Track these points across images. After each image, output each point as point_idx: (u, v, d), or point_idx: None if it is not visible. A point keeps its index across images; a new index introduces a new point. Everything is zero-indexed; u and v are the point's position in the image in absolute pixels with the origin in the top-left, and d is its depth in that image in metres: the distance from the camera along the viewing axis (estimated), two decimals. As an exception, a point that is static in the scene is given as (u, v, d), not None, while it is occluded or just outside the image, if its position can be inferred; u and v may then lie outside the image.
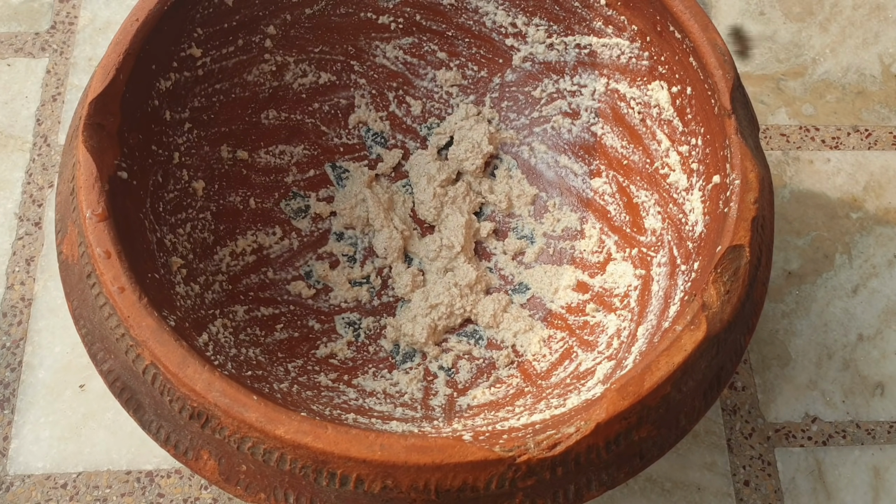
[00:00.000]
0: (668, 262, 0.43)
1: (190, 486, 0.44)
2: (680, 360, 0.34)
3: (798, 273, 0.52)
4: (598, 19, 0.46)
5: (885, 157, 0.56)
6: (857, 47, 0.61)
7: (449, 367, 0.45)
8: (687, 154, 0.43)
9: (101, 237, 0.35)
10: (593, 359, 0.42)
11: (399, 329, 0.46)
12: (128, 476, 0.44)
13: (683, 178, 0.43)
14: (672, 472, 0.45)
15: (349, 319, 0.46)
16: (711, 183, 0.41)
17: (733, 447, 0.46)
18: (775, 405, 0.48)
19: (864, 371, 0.49)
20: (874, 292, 0.51)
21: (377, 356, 0.45)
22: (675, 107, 0.44)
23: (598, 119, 0.48)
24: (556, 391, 0.41)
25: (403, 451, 0.32)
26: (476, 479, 0.32)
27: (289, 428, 0.32)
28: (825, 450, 0.47)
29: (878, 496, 0.45)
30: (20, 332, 0.48)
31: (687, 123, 0.43)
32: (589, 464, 0.33)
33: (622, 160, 0.47)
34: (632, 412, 0.33)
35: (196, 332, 0.38)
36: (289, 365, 0.42)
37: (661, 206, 0.45)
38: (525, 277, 0.48)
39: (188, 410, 0.33)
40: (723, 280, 0.36)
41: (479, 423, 0.39)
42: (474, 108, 0.51)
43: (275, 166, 0.49)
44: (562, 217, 0.49)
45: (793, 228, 0.53)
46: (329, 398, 0.41)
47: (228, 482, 0.34)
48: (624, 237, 0.46)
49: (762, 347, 0.49)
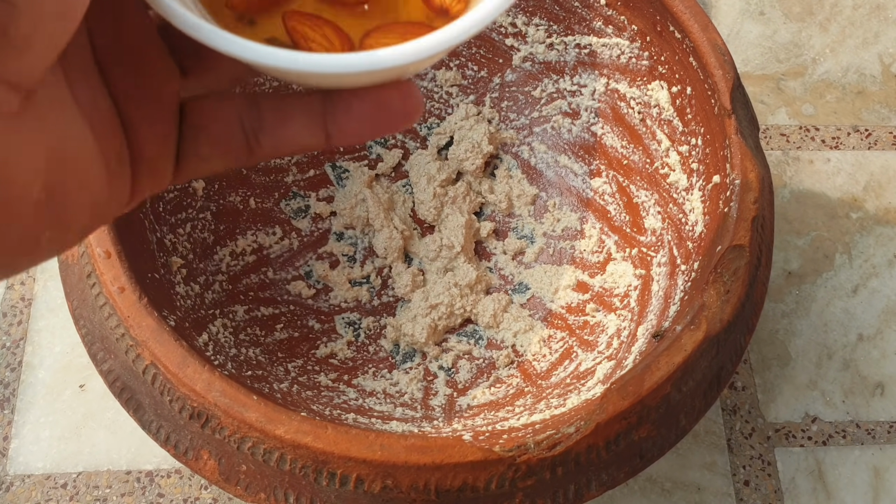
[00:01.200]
0: (668, 262, 0.43)
1: (190, 486, 0.44)
2: (680, 360, 0.34)
3: (798, 273, 0.52)
4: (598, 19, 0.46)
5: (885, 157, 0.56)
6: (857, 47, 0.61)
7: (449, 367, 0.45)
8: (687, 154, 0.43)
9: (101, 237, 0.35)
10: (593, 359, 0.42)
11: (399, 329, 0.46)
12: (128, 476, 0.44)
13: (683, 177, 0.43)
14: (672, 472, 0.45)
15: (349, 319, 0.46)
16: (711, 183, 0.41)
17: (733, 447, 0.46)
18: (775, 405, 0.48)
19: (864, 371, 0.49)
20: (874, 292, 0.51)
21: (377, 356, 0.45)
22: (675, 107, 0.44)
23: (598, 119, 0.48)
24: (556, 391, 0.41)
25: (403, 451, 0.32)
26: (476, 479, 0.32)
27: (289, 428, 0.32)
28: (825, 450, 0.47)
29: (878, 496, 0.45)
30: (20, 331, 0.48)
31: (687, 123, 0.43)
32: (589, 464, 0.33)
33: (622, 160, 0.47)
34: (632, 412, 0.33)
35: (196, 332, 0.38)
36: (289, 365, 0.42)
37: (661, 206, 0.45)
38: (525, 277, 0.48)
39: (188, 410, 0.33)
40: (723, 280, 0.36)
41: (479, 423, 0.39)
42: (474, 108, 0.51)
43: (275, 166, 0.49)
44: (562, 217, 0.49)
45: (793, 228, 0.53)
46: (329, 398, 0.41)
47: (228, 482, 0.34)
48: (624, 237, 0.46)
49: (762, 347, 0.49)
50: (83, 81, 0.21)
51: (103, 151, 0.21)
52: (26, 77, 0.18)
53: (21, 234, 0.19)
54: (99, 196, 0.21)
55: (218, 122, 0.23)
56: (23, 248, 0.20)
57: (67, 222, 0.20)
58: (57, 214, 0.20)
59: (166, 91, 0.22)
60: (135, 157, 0.22)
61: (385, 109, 0.22)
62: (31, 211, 0.19)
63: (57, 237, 0.20)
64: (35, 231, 0.20)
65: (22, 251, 0.20)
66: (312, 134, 0.23)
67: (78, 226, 0.21)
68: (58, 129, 0.20)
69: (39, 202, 0.19)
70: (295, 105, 0.23)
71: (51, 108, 0.20)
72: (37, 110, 0.19)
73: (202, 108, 0.23)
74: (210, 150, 0.23)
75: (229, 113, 0.23)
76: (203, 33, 0.20)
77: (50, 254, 0.20)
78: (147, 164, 0.22)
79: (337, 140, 0.23)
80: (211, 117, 0.23)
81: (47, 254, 0.20)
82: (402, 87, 0.22)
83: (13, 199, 0.19)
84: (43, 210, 0.19)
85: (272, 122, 0.23)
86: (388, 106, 0.22)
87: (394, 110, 0.22)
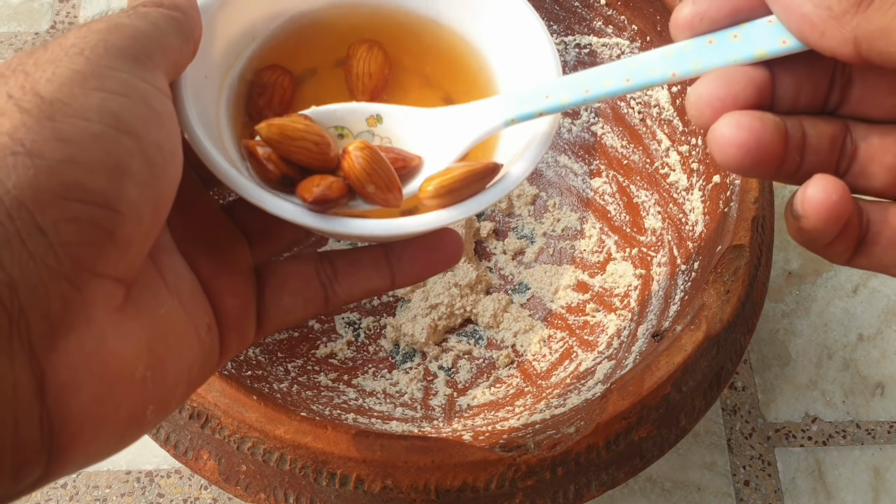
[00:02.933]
0: (668, 261, 0.43)
1: (190, 486, 0.44)
2: (680, 360, 0.34)
3: (798, 273, 0.52)
4: (598, 19, 0.46)
5: (886, 157, 0.56)
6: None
7: (449, 367, 0.45)
8: (687, 154, 0.43)
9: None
10: (593, 359, 0.42)
11: (399, 329, 0.46)
12: (127, 476, 0.44)
13: (683, 177, 0.43)
14: (672, 472, 0.45)
15: (349, 319, 0.46)
16: (711, 183, 0.41)
17: (733, 447, 0.46)
18: (775, 405, 0.48)
19: (864, 371, 0.49)
20: (874, 292, 0.51)
21: (377, 356, 0.45)
22: (676, 106, 0.44)
23: (598, 119, 0.48)
24: (556, 391, 0.41)
25: (403, 451, 0.32)
26: (476, 480, 0.32)
27: (289, 428, 0.32)
28: (825, 450, 0.47)
29: (878, 496, 0.45)
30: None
31: (687, 123, 0.43)
32: (589, 464, 0.33)
33: (622, 160, 0.47)
34: (632, 412, 0.33)
35: (196, 331, 0.38)
36: (289, 365, 0.42)
37: (662, 206, 0.45)
38: (525, 277, 0.48)
39: (188, 410, 0.33)
40: (723, 280, 0.36)
41: (479, 424, 0.39)
42: (474, 108, 0.51)
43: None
44: (562, 217, 0.49)
45: (793, 228, 0.53)
46: (329, 398, 0.41)
47: (228, 482, 0.34)
48: (624, 237, 0.46)
49: (762, 347, 0.49)
50: (169, 265, 0.23)
51: (195, 324, 0.23)
52: (129, 271, 0.21)
53: (129, 412, 0.21)
54: (194, 365, 0.23)
55: (296, 277, 0.26)
56: (131, 424, 0.21)
57: (169, 393, 0.22)
58: (159, 388, 0.22)
59: (240, 261, 0.26)
60: (221, 323, 0.25)
61: (438, 252, 0.27)
62: (136, 389, 0.21)
63: (160, 408, 0.22)
64: (141, 406, 0.21)
65: (130, 426, 0.21)
66: (381, 278, 0.27)
67: (178, 394, 0.23)
68: (154, 311, 0.22)
69: (144, 379, 0.21)
70: (363, 255, 0.27)
71: (147, 294, 0.22)
72: (136, 299, 0.21)
73: (280, 269, 0.27)
74: (292, 302, 0.26)
75: (306, 268, 0.27)
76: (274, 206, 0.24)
77: (153, 424, 0.22)
78: (233, 327, 0.25)
79: (400, 282, 0.27)
80: (289, 274, 0.26)
81: (152, 425, 0.22)
82: (448, 231, 0.27)
83: (122, 380, 0.20)
84: (148, 386, 0.21)
85: (345, 272, 0.27)
86: (440, 249, 0.27)
87: (445, 252, 0.27)
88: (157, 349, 0.21)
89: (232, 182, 0.24)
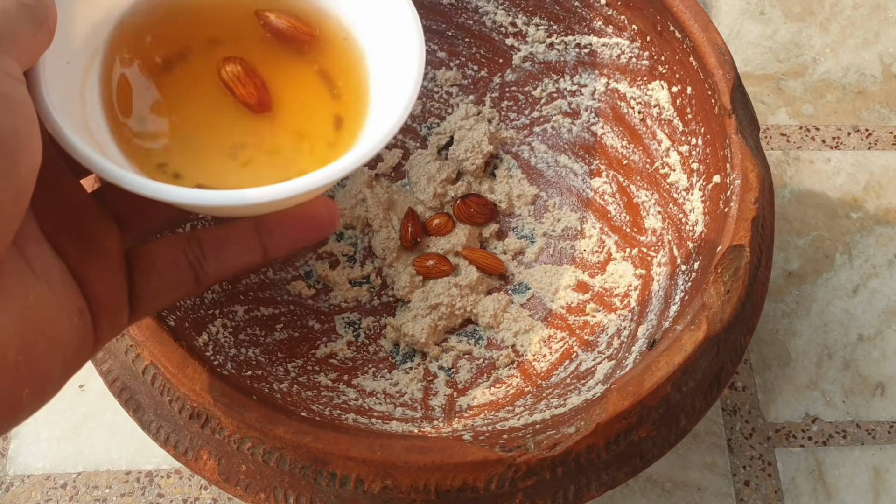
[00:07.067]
0: (668, 262, 0.43)
1: (190, 486, 0.44)
2: (680, 360, 0.34)
3: (798, 273, 0.52)
4: (598, 19, 0.46)
5: (886, 157, 0.56)
6: (858, 47, 0.61)
7: (449, 367, 0.45)
8: (687, 154, 0.43)
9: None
10: (593, 359, 0.42)
11: (399, 329, 0.46)
12: (127, 476, 0.44)
13: (684, 177, 0.43)
14: (672, 472, 0.45)
15: (349, 319, 0.46)
16: (712, 183, 0.41)
17: (733, 447, 0.46)
18: (775, 405, 0.48)
19: (864, 371, 0.49)
20: (874, 292, 0.51)
21: (377, 356, 0.45)
22: (676, 106, 0.44)
23: (598, 119, 0.48)
24: (556, 391, 0.41)
25: (403, 451, 0.32)
26: (476, 480, 0.32)
27: (289, 428, 0.32)
28: (825, 450, 0.47)
29: (878, 496, 0.45)
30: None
31: (687, 123, 0.43)
32: (589, 464, 0.33)
33: (622, 160, 0.47)
34: (632, 412, 0.33)
35: (196, 332, 0.38)
36: (289, 365, 0.42)
37: (662, 206, 0.45)
38: (525, 277, 0.48)
39: (188, 410, 0.33)
40: (723, 280, 0.36)
41: (479, 423, 0.39)
42: (474, 108, 0.51)
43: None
44: (562, 217, 0.49)
45: (793, 228, 0.53)
46: (329, 398, 0.41)
47: (228, 482, 0.34)
48: (624, 237, 0.46)
49: (762, 347, 0.49)
50: (36, 253, 0.23)
51: (66, 309, 0.23)
52: None
53: (3, 395, 0.21)
54: (68, 349, 0.23)
55: (164, 260, 0.26)
56: (6, 408, 0.22)
57: (44, 377, 0.23)
58: (33, 372, 0.22)
59: (109, 246, 0.25)
60: (93, 308, 0.25)
61: (311, 222, 0.26)
62: (10, 373, 0.21)
63: (36, 392, 0.22)
64: (16, 390, 0.22)
65: (5, 410, 0.22)
66: (252, 252, 0.26)
67: (53, 378, 0.23)
68: (22, 297, 0.22)
69: (17, 363, 0.21)
70: (231, 231, 0.26)
71: (12, 281, 0.22)
72: (2, 286, 0.21)
73: (147, 252, 0.26)
74: (161, 285, 0.26)
75: (172, 250, 0.26)
76: (135, 184, 0.24)
77: (31, 409, 0.23)
78: (105, 312, 0.25)
79: (273, 254, 0.27)
80: (157, 257, 0.26)
81: (29, 409, 0.23)
82: (321, 200, 0.27)
83: None
84: (22, 370, 0.22)
85: (213, 250, 0.26)
86: (314, 218, 0.26)
87: (319, 222, 0.26)
88: (27, 334, 0.22)
89: (91, 163, 0.24)
